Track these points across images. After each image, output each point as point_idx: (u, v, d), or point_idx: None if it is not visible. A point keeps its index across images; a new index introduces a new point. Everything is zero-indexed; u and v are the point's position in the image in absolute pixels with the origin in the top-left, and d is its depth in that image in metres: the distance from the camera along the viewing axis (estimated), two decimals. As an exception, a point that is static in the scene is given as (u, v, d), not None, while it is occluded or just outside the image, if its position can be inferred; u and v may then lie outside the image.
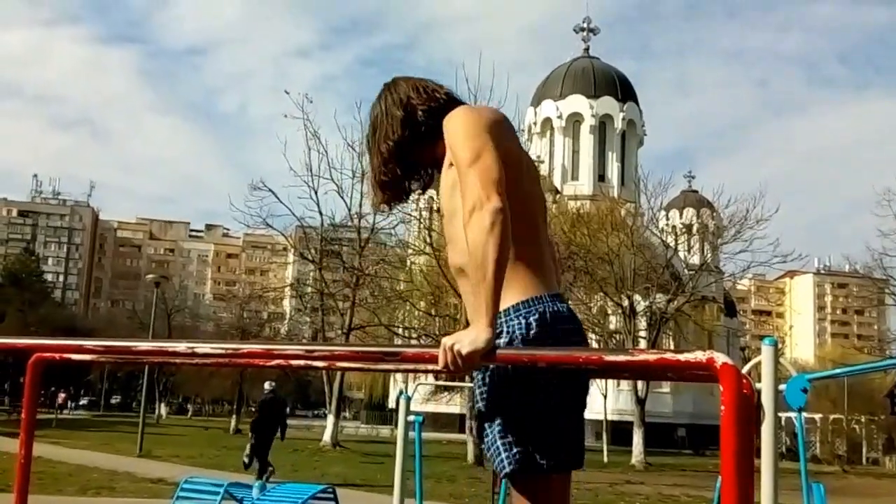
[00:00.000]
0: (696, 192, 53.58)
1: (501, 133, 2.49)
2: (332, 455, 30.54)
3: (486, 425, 2.45)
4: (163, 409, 62.71)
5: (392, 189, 2.75)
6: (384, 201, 2.81)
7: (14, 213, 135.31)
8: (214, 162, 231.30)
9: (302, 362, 2.90)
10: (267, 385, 22.20)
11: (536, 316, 2.41)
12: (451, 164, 2.51)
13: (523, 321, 2.40)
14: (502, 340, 2.37)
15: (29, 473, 3.08)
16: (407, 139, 2.66)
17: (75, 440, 27.76)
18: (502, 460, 2.38)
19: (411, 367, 3.27)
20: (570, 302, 3.01)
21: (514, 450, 2.37)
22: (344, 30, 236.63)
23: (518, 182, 2.47)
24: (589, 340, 2.52)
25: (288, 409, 26.68)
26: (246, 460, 19.73)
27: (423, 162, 2.75)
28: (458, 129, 2.50)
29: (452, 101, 2.71)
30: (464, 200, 2.36)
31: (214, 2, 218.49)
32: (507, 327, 2.41)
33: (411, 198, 2.91)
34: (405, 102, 2.68)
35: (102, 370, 75.07)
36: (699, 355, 1.95)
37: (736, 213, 36.78)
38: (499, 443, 2.39)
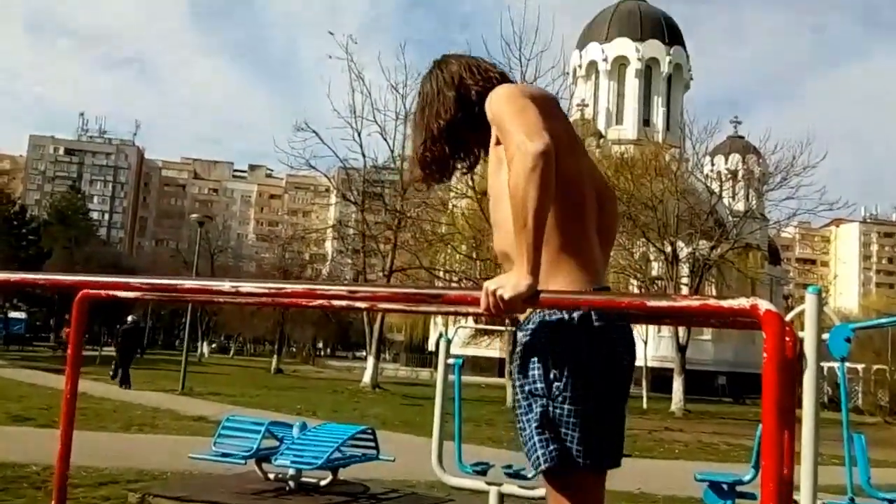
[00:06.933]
0: (742, 137, 52.82)
1: (547, 107, 2.43)
2: (372, 397, 30.84)
3: (523, 417, 2.38)
4: (205, 348, 63.53)
5: (435, 167, 2.70)
6: (425, 179, 2.76)
7: (61, 150, 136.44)
8: (260, 103, 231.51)
9: (344, 303, 2.91)
10: (130, 318, 25.51)
11: (580, 312, 2.34)
12: (497, 143, 2.46)
13: (566, 316, 2.34)
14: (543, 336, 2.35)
15: (74, 409, 3.15)
16: (459, 119, 2.62)
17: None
18: (538, 457, 2.32)
19: (453, 309, 3.28)
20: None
21: (552, 447, 2.30)
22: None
23: (561, 160, 2.31)
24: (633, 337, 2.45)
25: (146, 336, 30.53)
26: (111, 373, 25.28)
27: (471, 143, 2.70)
28: (501, 96, 2.45)
29: (505, 82, 2.65)
30: (507, 149, 2.31)
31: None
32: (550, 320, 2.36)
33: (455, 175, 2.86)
34: (458, 83, 2.63)
35: (146, 308, 76.13)
36: (743, 302, 1.94)
37: (782, 160, 36.07)
38: (535, 438, 2.32)
